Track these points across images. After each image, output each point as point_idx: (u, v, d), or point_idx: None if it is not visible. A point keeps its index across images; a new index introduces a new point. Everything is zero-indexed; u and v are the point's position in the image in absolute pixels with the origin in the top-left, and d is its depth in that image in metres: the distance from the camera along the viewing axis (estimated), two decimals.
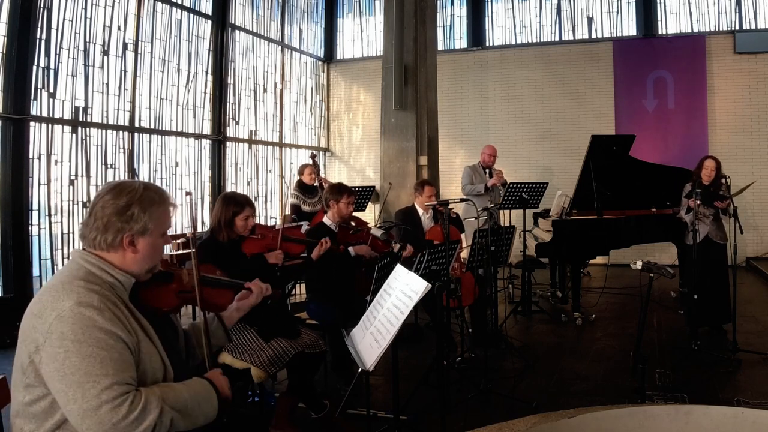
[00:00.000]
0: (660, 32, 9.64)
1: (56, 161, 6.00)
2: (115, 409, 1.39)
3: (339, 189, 4.24)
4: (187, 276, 1.85)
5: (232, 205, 3.28)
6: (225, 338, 2.03)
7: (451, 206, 4.07)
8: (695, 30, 9.51)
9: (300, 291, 6.09)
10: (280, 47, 9.96)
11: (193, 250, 1.84)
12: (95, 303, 1.46)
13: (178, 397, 1.54)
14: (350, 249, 4.15)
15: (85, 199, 6.28)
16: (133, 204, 1.59)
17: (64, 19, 6.04)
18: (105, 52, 6.57)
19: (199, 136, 8.10)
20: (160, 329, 1.67)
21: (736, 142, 9.08)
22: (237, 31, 8.83)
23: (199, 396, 1.61)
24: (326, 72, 11.33)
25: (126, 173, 6.85)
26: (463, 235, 5.41)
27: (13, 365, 1.53)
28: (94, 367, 1.40)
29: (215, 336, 1.99)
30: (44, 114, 5.87)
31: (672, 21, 9.66)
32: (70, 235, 6.12)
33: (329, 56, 11.32)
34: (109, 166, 6.63)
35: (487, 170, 6.72)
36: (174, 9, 7.62)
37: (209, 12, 8.27)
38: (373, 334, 2.35)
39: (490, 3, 10.54)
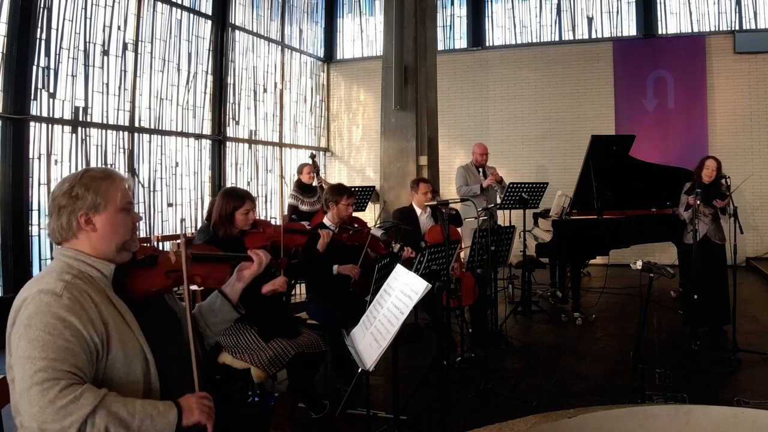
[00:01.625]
0: (660, 32, 9.64)
1: (56, 161, 6.01)
2: (44, 391, 1.36)
3: (339, 190, 4.23)
4: (174, 256, 1.82)
5: (232, 200, 3.27)
6: (233, 312, 1.99)
7: (450, 206, 4.07)
8: (695, 30, 9.52)
9: (300, 291, 6.09)
10: (280, 47, 9.96)
11: (182, 234, 1.81)
12: (57, 290, 1.47)
13: (124, 405, 1.44)
14: (334, 267, 4.05)
15: None
16: (75, 185, 1.62)
17: (64, 19, 6.04)
18: (105, 52, 6.57)
19: (199, 136, 8.10)
20: (147, 316, 1.66)
21: (736, 142, 9.08)
22: (237, 31, 8.83)
23: (154, 410, 1.48)
24: (326, 72, 11.33)
25: (126, 173, 6.85)
26: (459, 230, 5.41)
27: (6, 367, 1.54)
28: (35, 349, 1.39)
29: (223, 312, 1.97)
30: (44, 114, 5.88)
31: (672, 21, 9.66)
32: None
33: (329, 56, 11.33)
34: (109, 166, 6.63)
35: (480, 169, 6.61)
36: (174, 9, 7.62)
37: (209, 12, 8.27)
38: (373, 334, 2.34)
39: (490, 3, 10.54)
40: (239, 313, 2.03)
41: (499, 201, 6.40)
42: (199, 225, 7.77)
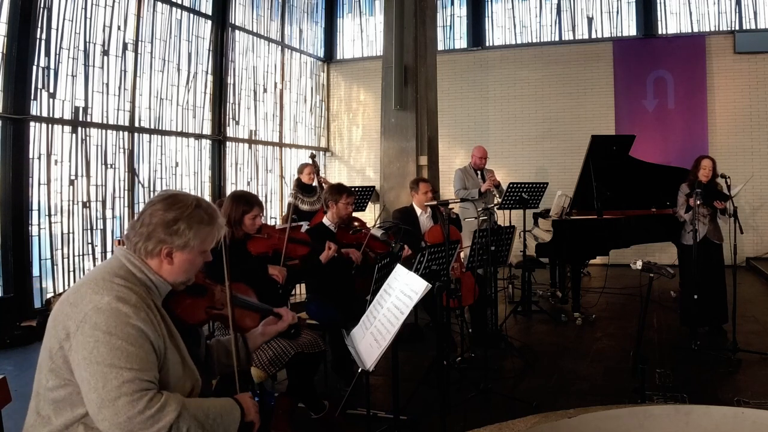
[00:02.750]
0: (660, 32, 9.64)
1: (56, 161, 6.00)
2: (133, 402, 1.40)
3: (338, 189, 4.23)
4: (219, 293, 1.85)
5: (242, 204, 3.30)
6: (246, 360, 2.01)
7: (451, 206, 4.07)
8: (695, 30, 9.52)
9: (300, 291, 6.09)
10: (280, 47, 9.96)
11: (227, 268, 1.81)
12: (133, 301, 1.50)
13: (200, 407, 1.53)
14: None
15: (85, 199, 6.28)
16: (181, 219, 1.61)
17: (64, 19, 6.04)
18: (105, 52, 6.57)
19: (199, 136, 8.10)
20: (184, 337, 1.69)
21: (736, 142, 9.08)
22: (237, 31, 8.83)
23: (222, 410, 1.59)
24: (326, 72, 11.33)
25: (126, 173, 6.85)
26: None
27: (41, 348, 1.55)
28: (120, 359, 1.42)
29: (237, 357, 1.97)
30: (44, 114, 5.88)
31: (672, 21, 9.67)
32: (70, 235, 6.12)
33: (329, 56, 11.33)
34: (109, 166, 6.63)
35: (478, 172, 6.59)
36: (174, 9, 7.62)
37: (209, 12, 8.27)
38: (373, 334, 2.34)
39: (490, 3, 10.54)
40: (250, 364, 2.10)
41: (496, 203, 6.40)
42: None
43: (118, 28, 6.74)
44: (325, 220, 4.24)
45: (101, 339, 1.43)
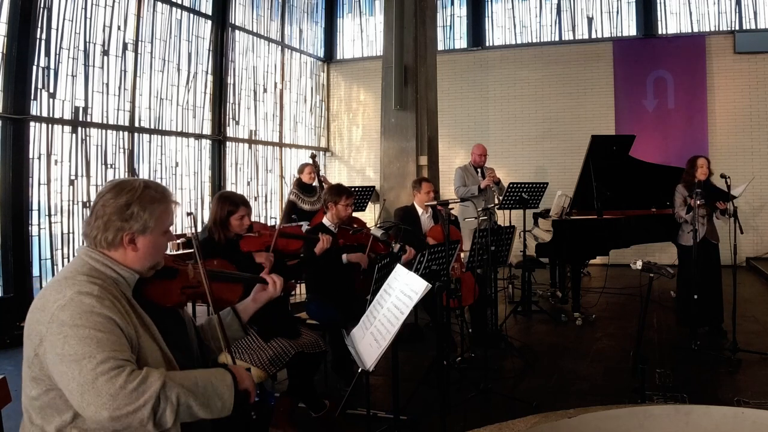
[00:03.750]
0: (660, 32, 9.64)
1: (56, 161, 6.00)
2: (112, 379, 1.38)
3: (338, 190, 4.22)
4: (192, 271, 1.82)
5: (227, 204, 3.27)
6: (241, 331, 2.00)
7: (451, 207, 4.07)
8: (695, 30, 9.52)
9: (300, 291, 6.09)
10: (280, 47, 9.96)
11: (196, 244, 1.81)
12: (95, 292, 1.48)
13: (185, 375, 1.50)
14: (343, 256, 4.10)
15: (85, 199, 6.28)
16: (132, 203, 1.59)
17: (64, 19, 6.04)
18: (105, 52, 6.57)
19: (199, 136, 8.10)
20: (162, 323, 1.67)
21: (736, 142, 9.08)
22: (237, 31, 8.83)
23: (212, 376, 1.55)
24: (326, 72, 11.33)
25: (126, 173, 6.85)
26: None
27: (23, 359, 1.54)
28: (91, 346, 1.40)
29: (231, 329, 1.97)
30: (44, 114, 5.87)
31: (672, 21, 9.67)
32: (70, 235, 6.12)
33: (329, 56, 11.33)
34: (109, 166, 6.63)
35: (478, 170, 6.61)
36: (174, 9, 7.62)
37: (209, 12, 8.27)
38: (373, 334, 2.34)
39: (490, 3, 10.54)
40: (245, 334, 2.06)
41: (497, 202, 6.41)
42: (200, 225, 7.77)
43: (118, 28, 6.74)
44: (325, 221, 4.24)
45: (69, 333, 1.42)
